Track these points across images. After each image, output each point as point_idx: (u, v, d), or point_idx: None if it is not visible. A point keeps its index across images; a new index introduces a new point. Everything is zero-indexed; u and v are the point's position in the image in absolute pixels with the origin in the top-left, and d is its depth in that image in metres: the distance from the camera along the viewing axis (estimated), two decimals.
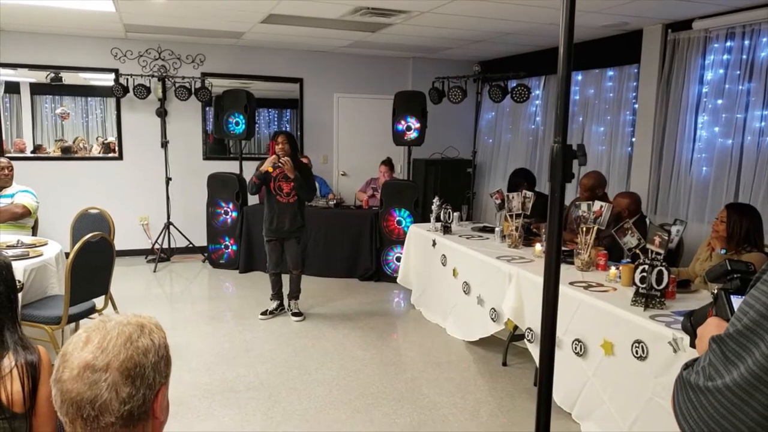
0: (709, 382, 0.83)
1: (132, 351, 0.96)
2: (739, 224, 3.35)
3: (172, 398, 3.64)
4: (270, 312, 5.18)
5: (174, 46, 7.18)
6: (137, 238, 7.32)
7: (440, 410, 3.58)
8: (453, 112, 7.70)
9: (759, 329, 0.79)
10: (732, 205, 3.54)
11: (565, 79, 1.07)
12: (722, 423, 0.80)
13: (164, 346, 1.03)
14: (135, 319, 1.02)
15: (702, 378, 0.85)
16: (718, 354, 0.84)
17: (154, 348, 1.00)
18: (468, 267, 4.60)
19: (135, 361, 0.96)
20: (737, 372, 0.79)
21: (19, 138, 6.96)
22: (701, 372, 0.85)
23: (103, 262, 3.85)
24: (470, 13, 5.16)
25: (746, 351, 0.79)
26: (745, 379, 0.78)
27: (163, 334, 1.05)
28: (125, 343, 0.96)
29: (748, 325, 0.81)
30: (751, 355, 0.78)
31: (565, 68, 1.07)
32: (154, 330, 1.03)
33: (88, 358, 0.95)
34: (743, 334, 0.81)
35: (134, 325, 1.00)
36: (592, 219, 3.82)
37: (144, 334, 1.00)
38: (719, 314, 1.05)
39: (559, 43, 1.06)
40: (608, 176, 6.07)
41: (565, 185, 1.10)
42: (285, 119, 8.01)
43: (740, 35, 4.68)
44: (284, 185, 5.00)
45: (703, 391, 0.83)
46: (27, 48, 6.67)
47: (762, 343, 0.77)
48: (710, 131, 4.99)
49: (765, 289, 0.81)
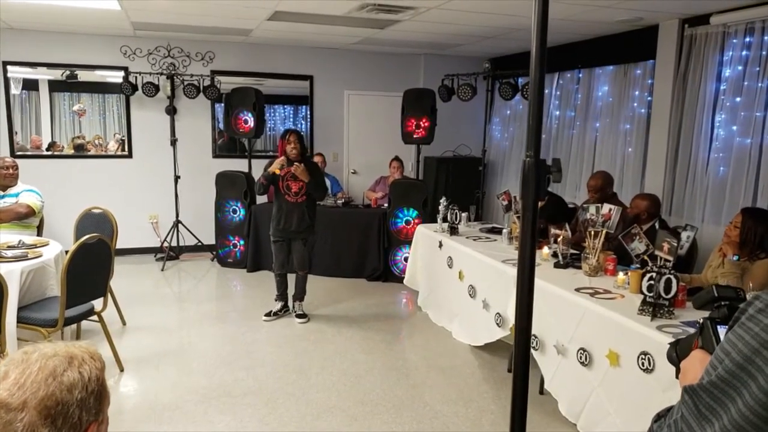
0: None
1: (54, 387, 0.88)
2: (754, 230, 3.19)
3: (168, 403, 3.60)
4: (274, 313, 5.12)
5: (183, 44, 7.15)
6: (147, 236, 7.32)
7: (441, 419, 3.48)
8: (465, 109, 7.57)
9: (735, 381, 0.68)
10: (747, 210, 3.38)
11: (537, 82, 0.97)
12: None
13: (96, 379, 0.95)
14: (65, 349, 0.94)
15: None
16: (691, 407, 0.73)
17: (81, 382, 0.91)
18: (474, 270, 4.49)
19: (57, 399, 0.88)
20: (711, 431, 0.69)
21: (36, 135, 7.00)
22: (672, 426, 0.75)
23: (100, 263, 3.80)
24: (477, 9, 5.03)
25: (721, 407, 0.68)
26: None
27: (99, 364, 0.97)
28: (47, 378, 0.88)
29: (722, 376, 0.70)
30: (727, 413, 0.68)
31: (537, 72, 0.96)
32: (86, 361, 0.94)
33: (3, 396, 0.87)
34: (718, 386, 0.70)
35: (62, 357, 0.92)
36: (600, 222, 3.68)
37: (71, 367, 0.91)
38: (705, 346, 0.94)
39: (531, 47, 0.96)
40: (622, 176, 5.91)
41: (538, 203, 1.00)
42: (300, 115, 7.93)
43: (760, 30, 4.49)
44: (293, 184, 4.93)
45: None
46: (40, 46, 6.69)
47: (739, 399, 0.67)
48: (728, 130, 4.80)
49: (742, 333, 0.70)
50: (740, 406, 0.66)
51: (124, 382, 3.90)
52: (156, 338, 4.61)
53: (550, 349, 3.47)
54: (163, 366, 4.10)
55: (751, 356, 0.67)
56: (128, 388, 3.83)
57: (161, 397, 3.63)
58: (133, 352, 4.30)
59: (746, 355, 0.68)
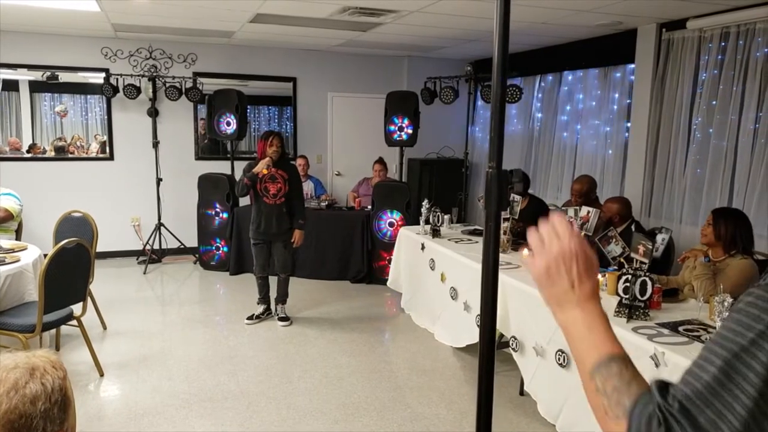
0: None
1: (17, 400, 0.88)
2: (725, 229, 3.28)
3: (148, 408, 3.58)
4: (256, 317, 5.11)
5: (165, 46, 7.11)
6: (129, 239, 7.26)
7: (422, 421, 3.50)
8: (449, 111, 7.60)
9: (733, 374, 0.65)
10: (718, 210, 3.46)
11: (499, 85, 0.98)
12: None
13: (59, 389, 0.95)
14: (25, 360, 0.94)
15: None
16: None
17: (45, 394, 0.91)
18: (455, 272, 4.51)
19: (20, 412, 0.88)
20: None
21: (16, 136, 6.90)
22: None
23: (79, 268, 3.77)
24: (459, 13, 5.06)
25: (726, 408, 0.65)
26: None
27: (61, 373, 0.97)
28: (9, 392, 0.88)
29: (716, 375, 0.66)
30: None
31: (498, 78, 0.98)
32: (48, 372, 0.94)
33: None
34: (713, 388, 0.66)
35: (23, 369, 0.92)
36: (578, 225, 3.72)
37: (34, 379, 0.92)
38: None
39: (493, 53, 0.97)
40: (602, 178, 5.98)
41: (501, 214, 1.02)
42: (285, 116, 7.91)
43: (735, 35, 4.57)
44: (270, 186, 4.92)
45: None
46: (20, 47, 6.61)
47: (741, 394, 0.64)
48: (704, 132, 4.88)
49: (732, 325, 0.68)
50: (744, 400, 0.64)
51: (104, 387, 3.87)
52: (137, 342, 4.58)
53: (529, 351, 3.50)
54: (143, 371, 4.07)
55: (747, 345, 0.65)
56: (108, 393, 3.80)
57: (141, 403, 3.61)
58: (113, 356, 4.27)
59: (741, 344, 0.66)
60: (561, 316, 0.90)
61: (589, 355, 0.83)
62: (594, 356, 0.82)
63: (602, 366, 0.80)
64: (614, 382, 0.77)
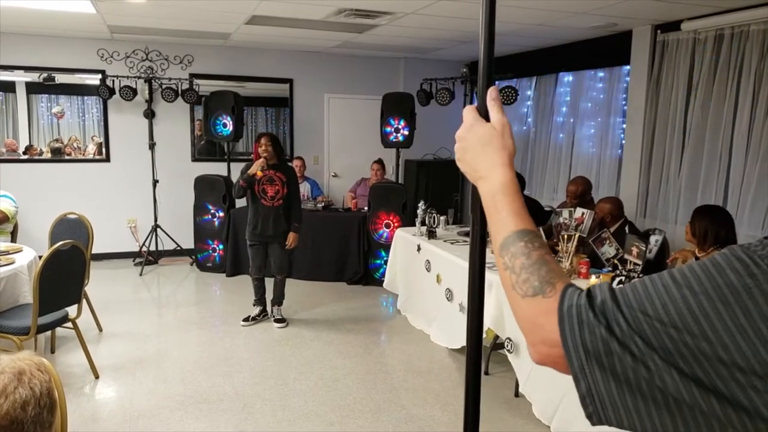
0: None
1: (8, 406, 0.88)
2: (698, 225, 3.36)
3: (143, 410, 3.57)
4: (252, 318, 5.11)
5: (161, 47, 7.11)
6: (125, 240, 7.26)
7: (417, 422, 3.50)
8: (446, 112, 7.59)
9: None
10: (698, 208, 3.54)
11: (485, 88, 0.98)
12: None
13: (47, 392, 0.95)
14: (11, 365, 0.94)
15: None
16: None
17: (34, 398, 0.92)
18: (451, 273, 4.52)
19: (11, 418, 0.88)
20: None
21: (11, 138, 6.89)
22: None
23: (74, 270, 3.77)
24: (455, 14, 5.06)
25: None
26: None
27: (47, 376, 0.97)
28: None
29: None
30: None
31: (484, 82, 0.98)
32: (35, 375, 0.94)
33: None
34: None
35: (10, 373, 0.92)
36: (573, 226, 3.73)
37: (22, 384, 0.92)
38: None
39: (479, 56, 0.98)
40: (598, 179, 5.99)
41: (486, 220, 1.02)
42: (283, 118, 7.90)
43: (729, 37, 4.58)
44: (268, 188, 4.92)
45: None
46: (16, 49, 6.61)
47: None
48: (699, 133, 4.89)
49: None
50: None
51: (100, 389, 3.87)
52: (133, 344, 4.58)
53: (524, 352, 3.51)
54: (139, 373, 4.07)
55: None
56: (103, 395, 3.80)
57: (137, 405, 3.61)
58: (108, 358, 4.27)
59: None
60: (479, 190, 0.90)
61: (497, 231, 0.82)
62: (502, 232, 0.81)
63: (509, 242, 0.79)
64: (522, 260, 0.76)
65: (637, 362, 0.61)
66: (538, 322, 0.71)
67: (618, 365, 0.63)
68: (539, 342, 0.72)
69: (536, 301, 0.72)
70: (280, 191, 4.92)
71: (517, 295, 0.75)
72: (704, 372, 0.58)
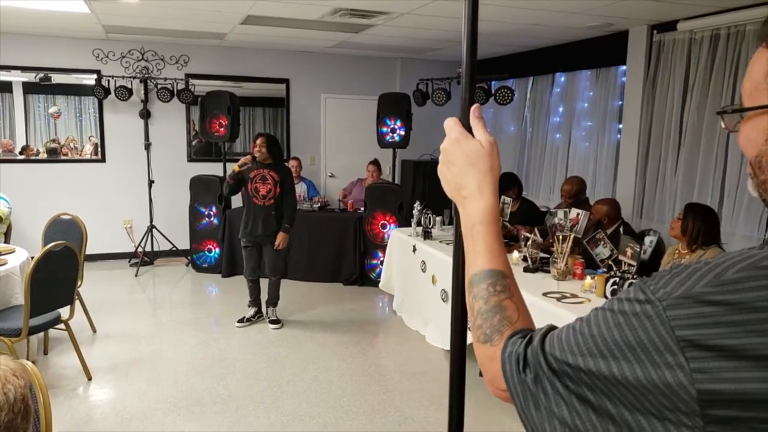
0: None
1: None
2: (693, 223, 3.37)
3: (136, 412, 3.54)
4: (247, 319, 5.08)
5: (157, 47, 7.08)
6: (121, 241, 7.23)
7: (411, 424, 3.49)
8: (443, 112, 7.57)
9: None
10: (690, 204, 3.55)
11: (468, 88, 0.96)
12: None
13: (21, 398, 0.93)
14: None
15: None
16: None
17: (8, 404, 0.90)
18: (446, 274, 4.50)
19: None
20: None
21: (7, 138, 6.86)
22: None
23: (67, 271, 3.75)
24: (451, 14, 5.05)
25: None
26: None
27: (22, 381, 0.95)
28: None
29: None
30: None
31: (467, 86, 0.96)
32: (10, 380, 0.93)
33: None
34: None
35: None
36: (568, 227, 3.72)
37: None
38: None
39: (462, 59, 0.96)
40: (594, 179, 5.98)
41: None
42: (279, 118, 7.88)
43: (725, 37, 4.57)
44: (261, 187, 4.91)
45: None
46: (12, 49, 6.58)
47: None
48: (695, 134, 4.88)
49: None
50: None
51: (92, 391, 3.84)
52: (126, 346, 4.56)
53: None
54: (132, 374, 4.05)
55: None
56: (96, 397, 3.78)
57: (129, 407, 3.59)
58: (102, 360, 4.25)
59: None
60: (459, 210, 0.90)
61: (469, 264, 0.84)
62: (472, 268, 0.83)
63: (475, 281, 0.81)
64: (480, 304, 0.79)
65: (560, 401, 0.64)
66: (486, 367, 0.78)
67: (550, 406, 0.66)
68: (489, 382, 0.78)
69: (485, 348, 0.77)
70: (273, 191, 4.90)
71: (474, 337, 0.80)
72: (612, 403, 0.60)
